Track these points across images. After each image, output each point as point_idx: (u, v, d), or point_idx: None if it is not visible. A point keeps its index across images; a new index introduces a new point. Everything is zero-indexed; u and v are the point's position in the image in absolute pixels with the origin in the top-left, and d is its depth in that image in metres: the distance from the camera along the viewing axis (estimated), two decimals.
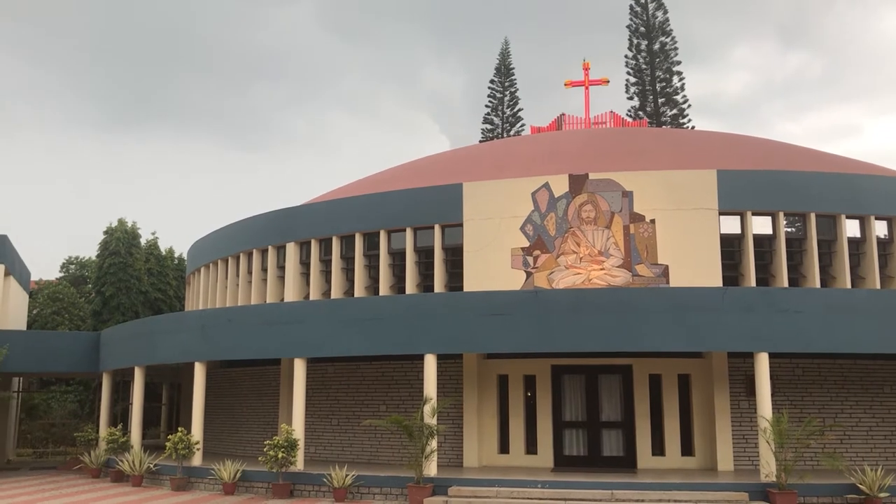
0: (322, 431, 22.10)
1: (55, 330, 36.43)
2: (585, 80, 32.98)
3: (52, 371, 29.85)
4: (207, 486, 19.76)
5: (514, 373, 20.40)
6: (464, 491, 16.61)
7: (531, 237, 20.46)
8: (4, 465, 27.95)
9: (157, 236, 40.37)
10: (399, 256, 22.45)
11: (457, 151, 32.32)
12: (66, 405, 37.10)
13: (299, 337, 19.23)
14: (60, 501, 18.16)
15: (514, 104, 55.57)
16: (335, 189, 30.55)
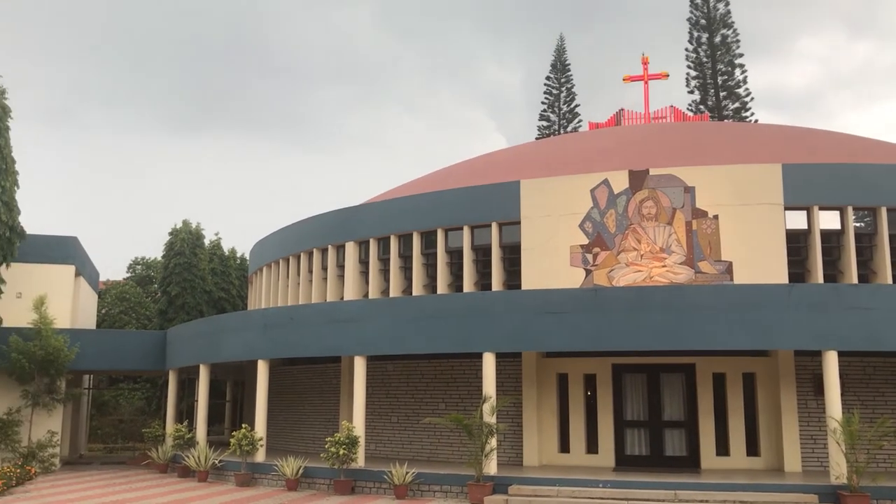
0: (382, 429, 22.26)
1: (123, 329, 37.49)
2: (644, 75, 32.53)
3: (120, 369, 30.72)
4: (271, 482, 20.09)
5: (574, 371, 20.23)
6: (524, 490, 16.54)
7: (590, 234, 20.27)
8: (77, 460, 28.86)
9: (220, 237, 41.23)
10: (456, 255, 22.47)
11: (513, 149, 32.21)
12: (134, 402, 38.19)
13: (359, 335, 19.41)
14: (131, 495, 18.67)
15: (571, 100, 55.14)
16: (393, 188, 30.74)
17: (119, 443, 34.78)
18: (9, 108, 23.30)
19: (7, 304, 24.36)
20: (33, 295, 25.24)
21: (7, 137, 23.19)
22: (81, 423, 31.86)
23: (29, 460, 23.46)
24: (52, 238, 27.77)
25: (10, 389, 24.72)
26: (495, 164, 28.00)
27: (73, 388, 28.06)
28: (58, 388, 25.35)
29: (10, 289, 24.27)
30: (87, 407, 33.11)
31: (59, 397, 25.45)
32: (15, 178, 23.50)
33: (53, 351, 24.18)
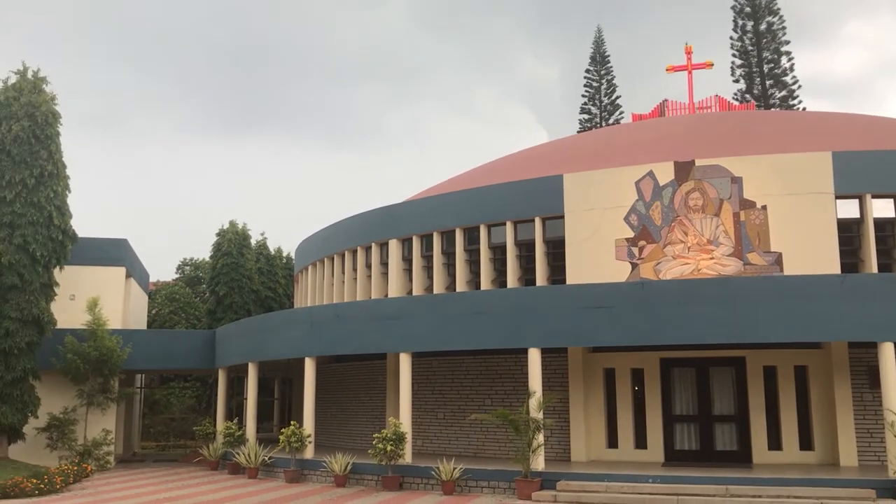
0: (428, 425, 22.31)
1: (173, 329, 38.18)
2: (688, 65, 32.03)
3: (171, 368, 31.30)
4: (319, 479, 20.27)
5: (621, 366, 20.03)
6: (572, 485, 16.44)
7: (636, 227, 20.04)
8: (130, 458, 29.49)
9: (265, 237, 41.79)
10: (500, 250, 22.41)
11: (555, 143, 31.99)
12: (184, 400, 38.89)
13: (404, 332, 19.47)
14: (183, 492, 19.00)
15: (612, 92, 54.60)
16: (435, 185, 30.78)
17: (171, 441, 35.44)
18: (58, 114, 23.85)
19: (61, 306, 24.97)
20: (86, 297, 25.84)
21: (58, 143, 23.74)
22: (134, 422, 32.54)
23: (85, 458, 24.02)
24: (103, 241, 28.40)
25: (66, 389, 25.34)
26: (537, 158, 27.86)
27: (125, 387, 28.68)
28: (111, 387, 25.92)
29: (63, 291, 24.86)
30: (139, 406, 33.81)
31: (113, 396, 26.02)
32: (66, 183, 24.05)
33: (107, 351, 24.73)
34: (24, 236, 22.39)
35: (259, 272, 38.83)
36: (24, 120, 22.64)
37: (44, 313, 23.11)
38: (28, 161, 22.69)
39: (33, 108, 22.92)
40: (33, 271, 22.74)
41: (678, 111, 31.28)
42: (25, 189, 22.60)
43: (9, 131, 22.48)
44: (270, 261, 40.51)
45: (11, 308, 22.19)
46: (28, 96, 22.99)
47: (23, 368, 22.56)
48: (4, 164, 22.45)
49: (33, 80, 23.47)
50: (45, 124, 23.13)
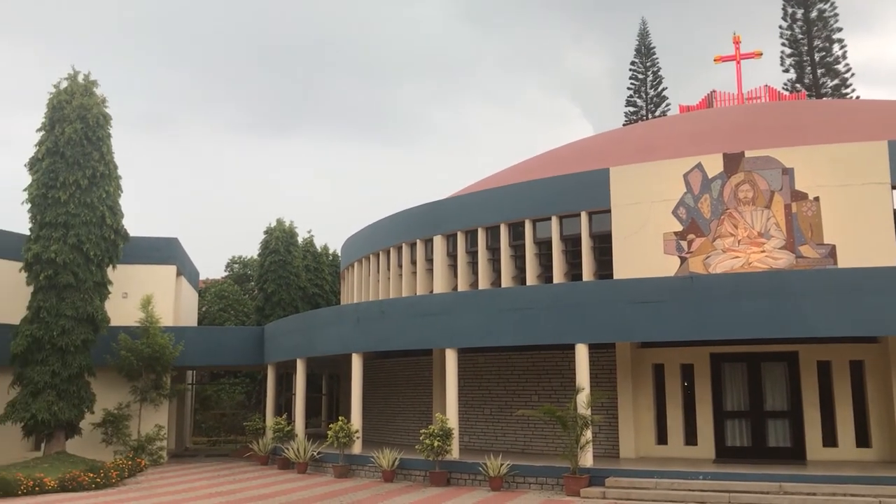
0: (475, 421, 22.30)
1: (223, 326, 38.77)
2: (736, 55, 31.45)
3: (221, 364, 31.77)
4: (367, 474, 20.40)
5: (671, 362, 19.76)
6: (621, 482, 16.28)
7: (684, 221, 19.75)
8: (183, 453, 30.03)
9: (312, 234, 42.20)
10: (545, 245, 22.28)
11: (601, 136, 31.69)
12: (234, 396, 39.48)
13: (450, 328, 19.48)
14: (234, 486, 19.30)
15: (658, 84, 53.87)
16: (479, 181, 30.72)
17: (221, 436, 36.01)
18: (109, 116, 24.32)
19: (115, 304, 25.49)
20: (138, 295, 26.36)
21: (109, 144, 24.22)
22: (186, 418, 33.13)
23: (139, 453, 24.52)
24: (155, 240, 28.93)
25: (120, 386, 25.90)
26: (582, 151, 27.62)
27: (177, 383, 29.19)
28: (163, 383, 26.41)
29: (116, 289, 25.36)
30: (191, 402, 34.41)
31: (165, 393, 26.51)
32: (118, 184, 24.53)
33: (159, 348, 25.22)
34: (77, 236, 22.89)
35: (306, 269, 39.22)
36: (76, 122, 23.14)
37: (98, 311, 23.61)
38: (81, 162, 23.19)
39: (85, 111, 23.41)
40: (87, 270, 23.24)
41: (726, 102, 30.75)
42: (79, 190, 23.11)
43: (62, 134, 23.00)
44: (317, 258, 40.90)
45: (67, 306, 22.72)
46: (80, 99, 23.48)
47: (79, 365, 23.09)
48: (59, 166, 22.98)
49: (84, 83, 23.96)
50: (96, 126, 23.61)
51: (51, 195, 22.89)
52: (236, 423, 35.78)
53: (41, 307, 22.61)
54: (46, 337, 22.42)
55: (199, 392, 37.22)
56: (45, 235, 22.77)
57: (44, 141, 23.30)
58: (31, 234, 23.17)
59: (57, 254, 22.49)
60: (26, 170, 23.42)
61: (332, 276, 40.79)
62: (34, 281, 22.91)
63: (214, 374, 40.09)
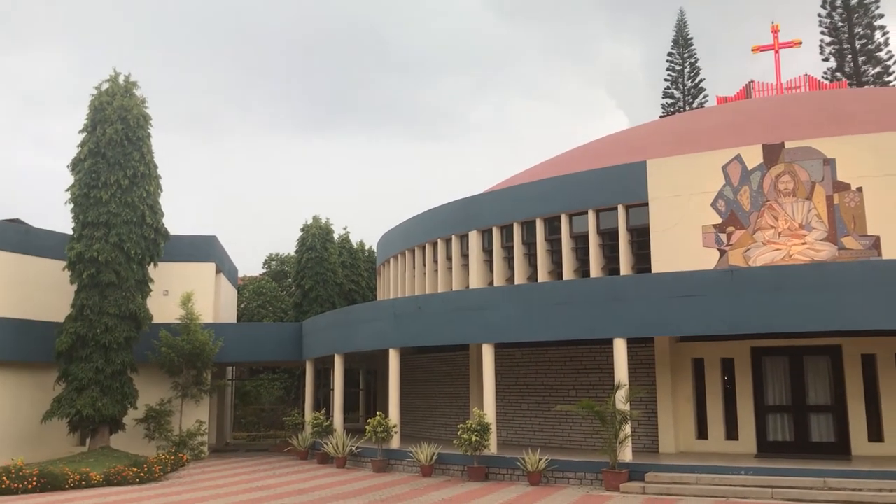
0: (513, 416, 22.28)
1: (261, 322, 39.20)
2: (775, 44, 30.94)
3: (261, 360, 32.13)
4: (406, 468, 20.50)
5: (711, 356, 19.54)
6: (661, 477, 16.17)
7: (723, 213, 19.50)
8: (223, 448, 30.43)
9: (348, 231, 42.47)
10: (582, 239, 22.16)
11: (638, 128, 31.39)
12: (273, 392, 39.93)
13: (486, 323, 19.48)
14: (274, 481, 19.51)
15: (695, 75, 53.18)
16: (514, 175, 30.63)
17: (261, 431, 36.43)
18: (149, 116, 24.71)
19: (155, 301, 25.91)
20: (179, 292, 26.75)
21: (149, 144, 24.61)
22: (226, 413, 33.57)
23: (181, 448, 24.92)
24: (194, 238, 29.33)
25: (162, 381, 26.32)
26: (619, 144, 27.39)
27: (217, 379, 29.59)
28: (204, 379, 26.78)
29: (157, 287, 25.77)
30: (231, 397, 34.85)
31: (206, 388, 26.89)
32: (158, 183, 24.92)
33: (199, 345, 25.57)
34: (119, 235, 23.31)
35: (342, 265, 39.49)
36: (117, 123, 23.54)
37: (140, 309, 24.03)
38: (122, 162, 23.59)
39: (125, 112, 23.81)
40: (129, 268, 23.65)
41: (765, 92, 30.27)
42: (120, 189, 23.51)
43: (103, 135, 23.42)
44: (353, 254, 41.15)
45: (109, 304, 23.15)
46: (120, 100, 23.88)
47: (122, 362, 23.53)
48: (100, 166, 23.41)
49: (125, 84, 24.37)
50: (136, 127, 24.00)
51: (93, 195, 23.33)
52: (275, 418, 36.19)
53: (85, 305, 23.07)
54: (90, 334, 22.87)
55: (238, 388, 37.68)
56: (88, 235, 23.23)
57: (86, 142, 23.76)
58: (74, 234, 23.65)
59: (99, 252, 22.92)
60: (69, 171, 23.93)
61: (368, 273, 41.01)
62: (77, 279, 23.39)
63: (254, 370, 40.56)
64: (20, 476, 18.05)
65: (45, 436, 24.44)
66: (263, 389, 39.97)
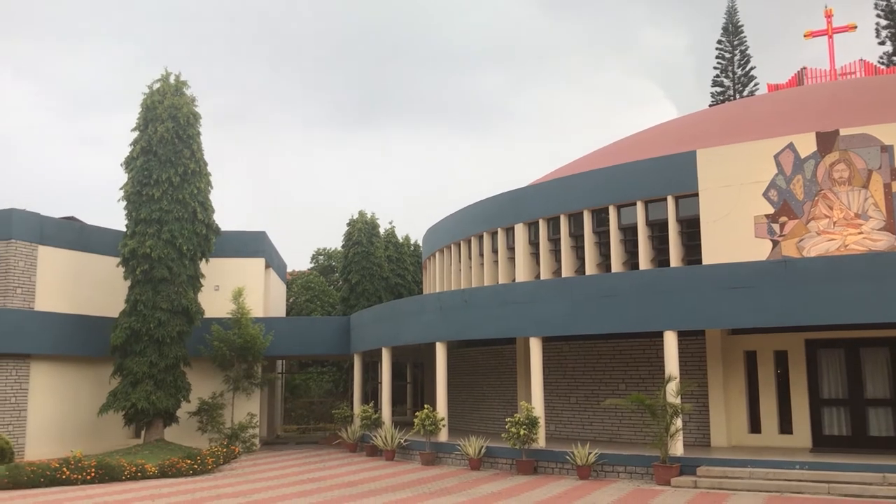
0: (561, 409, 22.17)
1: (310, 316, 39.62)
2: (828, 29, 30.16)
3: (309, 353, 32.48)
4: (454, 462, 20.54)
5: (763, 348, 19.18)
6: (713, 471, 15.93)
7: (776, 203, 19.10)
8: (274, 440, 30.85)
9: (393, 225, 42.66)
10: (630, 231, 21.91)
11: (686, 118, 30.90)
12: (322, 385, 40.37)
13: (533, 316, 19.39)
14: (325, 473, 19.72)
15: (746, 63, 52.08)
16: (560, 167, 30.42)
17: (311, 423, 36.86)
18: (198, 114, 25.09)
19: (207, 296, 26.35)
20: (229, 287, 27.16)
21: (199, 142, 24.99)
22: (277, 406, 34.03)
23: (233, 440, 25.32)
24: (244, 234, 29.75)
25: (214, 375, 26.77)
26: (668, 134, 27.00)
27: (268, 372, 29.98)
28: (255, 373, 27.17)
29: (208, 282, 26.20)
30: (281, 390, 35.31)
31: (257, 382, 27.28)
32: (208, 180, 25.31)
33: (250, 339, 25.94)
34: (171, 231, 23.74)
35: (388, 260, 39.70)
36: (167, 122, 23.96)
37: (192, 304, 24.45)
38: (173, 160, 24.01)
39: (175, 111, 24.21)
40: (181, 264, 24.09)
41: (818, 79, 29.56)
42: (171, 187, 23.94)
43: (154, 133, 23.86)
44: (399, 248, 41.33)
45: (162, 300, 23.60)
46: (170, 99, 24.29)
47: (174, 356, 23.98)
48: (152, 164, 23.85)
49: (175, 83, 24.77)
50: (186, 125, 24.39)
51: (145, 192, 23.80)
52: (324, 411, 36.57)
53: (138, 300, 23.56)
54: (144, 329, 23.35)
55: (288, 381, 38.16)
56: (141, 231, 23.70)
57: (138, 140, 24.23)
58: (128, 231, 24.16)
59: (152, 249, 23.37)
60: (122, 169, 24.44)
61: (413, 267, 41.16)
62: (131, 275, 23.89)
63: (303, 364, 41.04)
64: (79, 467, 18.53)
65: (102, 428, 25.07)
66: (312, 382, 40.42)
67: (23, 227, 24.70)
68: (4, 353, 23.68)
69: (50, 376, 24.81)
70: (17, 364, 24.06)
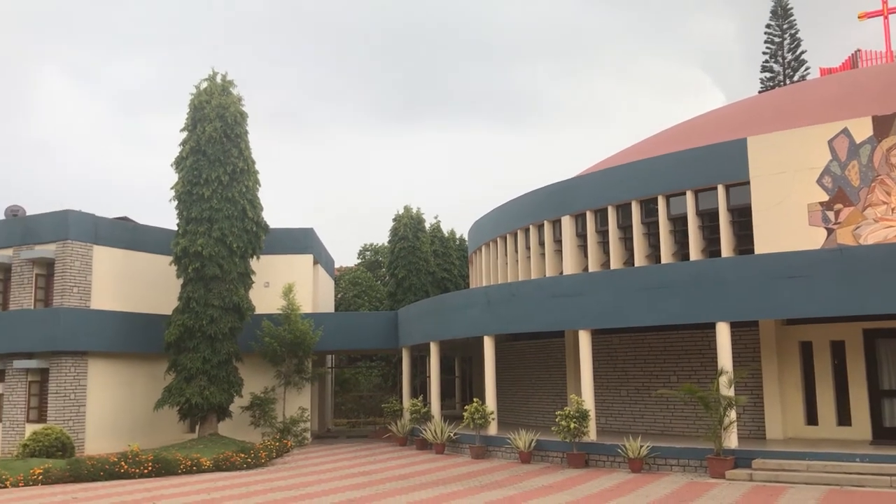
0: (611, 402, 21.98)
1: (358, 311, 39.91)
2: (883, 9, 29.26)
3: (358, 348, 32.75)
4: (504, 455, 20.51)
5: (819, 339, 18.75)
6: (769, 464, 15.65)
7: (830, 190, 18.63)
8: (325, 434, 31.19)
9: (439, 219, 42.66)
10: (680, 222, 21.59)
11: (736, 104, 30.29)
12: (371, 379, 40.67)
13: (582, 309, 19.25)
14: (376, 466, 19.86)
15: (796, 47, 50.83)
16: (607, 158, 30.09)
17: (360, 417, 37.16)
18: (246, 113, 25.41)
19: (257, 293, 26.71)
20: (278, 284, 27.51)
21: (247, 141, 25.32)
22: (327, 400, 34.39)
23: (285, 434, 25.66)
24: (292, 230, 30.08)
25: (265, 370, 27.16)
26: (716, 122, 26.52)
27: (318, 367, 30.30)
28: (305, 368, 27.49)
29: (258, 279, 26.56)
30: (331, 385, 35.66)
31: (307, 376, 27.59)
32: (256, 178, 25.63)
33: (300, 334, 26.24)
34: (221, 230, 24.11)
35: (434, 254, 39.74)
36: (216, 121, 24.30)
37: (243, 300, 24.82)
38: (221, 159, 24.36)
39: (223, 110, 24.55)
40: (231, 262, 24.45)
41: (873, 61, 28.73)
42: (221, 185, 24.30)
43: (203, 133, 24.23)
44: (445, 243, 41.33)
45: (214, 297, 23.99)
46: (218, 99, 24.64)
47: (227, 352, 24.39)
48: (201, 164, 24.23)
49: (222, 83, 25.12)
50: (234, 124, 24.73)
51: (195, 192, 24.19)
52: (374, 404, 36.83)
53: (191, 298, 23.99)
54: (197, 326, 23.78)
55: (338, 375, 38.51)
56: (192, 230, 24.12)
57: (187, 140, 24.64)
58: (179, 230, 24.60)
59: (203, 247, 23.76)
60: (172, 169, 24.86)
61: (459, 261, 41.15)
62: (183, 273, 24.34)
63: (352, 358, 41.36)
64: (137, 461, 18.96)
65: (158, 423, 25.62)
66: (361, 377, 40.74)
67: (78, 227, 25.33)
68: (63, 350, 24.35)
69: (107, 373, 25.45)
70: (76, 361, 24.72)
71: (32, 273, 25.58)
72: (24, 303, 25.49)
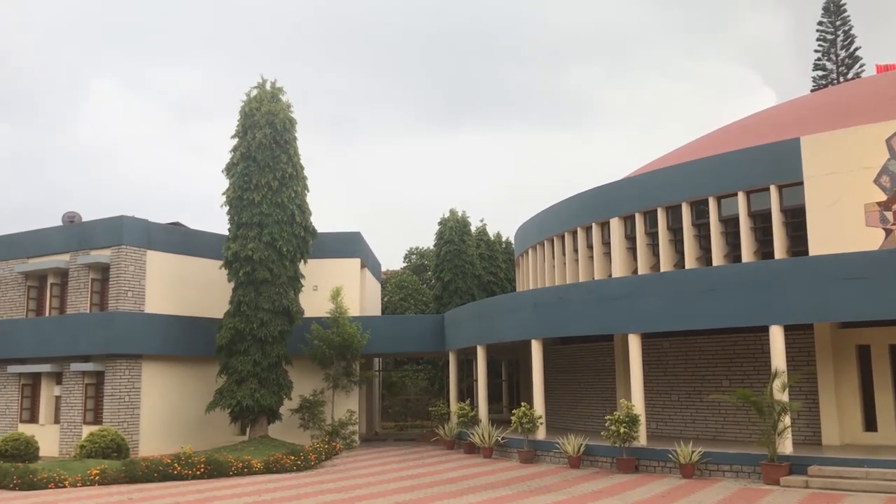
0: (661, 407, 21.68)
1: (404, 314, 40.04)
2: None
3: (405, 351, 32.86)
4: (553, 460, 20.37)
5: (878, 342, 18.25)
6: (826, 471, 15.27)
7: (888, 189, 18.15)
8: (372, 437, 31.33)
9: (485, 223, 42.65)
10: (732, 223, 21.23)
11: (788, 104, 29.72)
12: (418, 382, 40.76)
13: (632, 312, 19.04)
14: (423, 469, 19.88)
15: (850, 44, 49.68)
16: (656, 159, 29.75)
17: (408, 420, 37.25)
18: (294, 120, 25.69)
19: (306, 296, 26.98)
20: (327, 287, 27.75)
21: (295, 147, 25.60)
22: (375, 403, 34.56)
23: (333, 437, 25.85)
24: (340, 235, 30.33)
25: (314, 373, 27.39)
26: (768, 121, 26.05)
27: (365, 370, 30.47)
28: (353, 370, 27.66)
29: (307, 283, 26.82)
30: (378, 388, 35.83)
31: (355, 379, 27.76)
32: (305, 183, 25.89)
33: (348, 337, 26.42)
34: (271, 234, 24.41)
35: (480, 257, 39.73)
36: (265, 128, 24.63)
37: (292, 304, 25.08)
38: (271, 165, 24.68)
39: (272, 117, 24.87)
40: (281, 266, 24.74)
41: None
42: (270, 191, 24.61)
43: (253, 139, 24.57)
44: (490, 246, 41.30)
45: (264, 300, 24.29)
46: (267, 106, 24.96)
47: (277, 355, 24.66)
48: (251, 169, 24.57)
49: (271, 90, 25.45)
50: (283, 130, 25.03)
51: (246, 197, 24.54)
52: (421, 408, 36.90)
53: (241, 301, 24.32)
54: (247, 329, 24.10)
55: (385, 378, 38.67)
56: (243, 235, 24.47)
57: (238, 146, 25.01)
58: (230, 234, 24.98)
59: (253, 251, 24.09)
60: (223, 175, 25.28)
61: (506, 264, 41.06)
62: (234, 277, 24.70)
63: (399, 361, 41.50)
64: (189, 463, 19.27)
65: (209, 425, 26.01)
66: (409, 380, 40.85)
67: (132, 233, 25.88)
68: (118, 353, 24.89)
69: (160, 375, 25.94)
70: (130, 364, 25.24)
71: (88, 278, 26.21)
72: (81, 307, 26.12)
